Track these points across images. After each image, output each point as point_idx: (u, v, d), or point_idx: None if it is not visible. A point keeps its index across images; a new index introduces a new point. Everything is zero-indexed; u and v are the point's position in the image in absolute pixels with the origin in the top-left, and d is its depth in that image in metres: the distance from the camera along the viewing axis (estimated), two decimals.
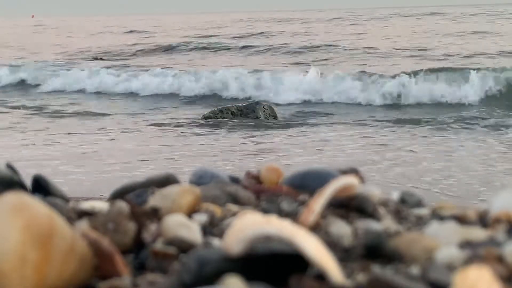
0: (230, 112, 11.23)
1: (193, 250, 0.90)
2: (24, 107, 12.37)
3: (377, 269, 0.84)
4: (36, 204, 0.82)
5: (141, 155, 7.63)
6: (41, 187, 1.22)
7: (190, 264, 0.81)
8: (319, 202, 1.02)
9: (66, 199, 1.20)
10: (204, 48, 21.50)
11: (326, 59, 17.79)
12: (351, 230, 1.00)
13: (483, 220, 1.06)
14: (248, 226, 0.83)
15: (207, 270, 0.81)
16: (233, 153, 8.06)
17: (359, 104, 12.05)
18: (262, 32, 26.09)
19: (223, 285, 0.77)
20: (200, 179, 1.33)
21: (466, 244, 0.93)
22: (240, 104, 11.72)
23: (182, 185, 1.19)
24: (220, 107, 11.60)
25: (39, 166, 6.54)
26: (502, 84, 12.13)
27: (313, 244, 0.81)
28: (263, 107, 11.49)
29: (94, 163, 7.13)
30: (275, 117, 11.33)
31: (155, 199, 1.11)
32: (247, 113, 11.20)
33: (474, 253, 0.88)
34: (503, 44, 18.38)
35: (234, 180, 1.33)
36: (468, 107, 11.31)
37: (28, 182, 1.23)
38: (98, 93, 14.56)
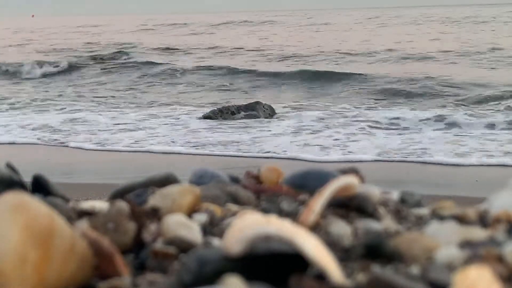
0: (230, 112, 11.25)
1: (193, 250, 0.90)
2: None
3: (377, 269, 0.84)
4: (36, 204, 0.82)
5: None
6: (41, 187, 1.22)
7: (190, 264, 0.81)
8: (319, 202, 1.02)
9: (66, 199, 1.20)
10: None
11: None
12: (351, 230, 1.00)
13: (483, 220, 1.06)
14: (248, 226, 0.83)
15: (207, 270, 0.81)
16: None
17: None
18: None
19: (223, 285, 0.77)
20: (200, 179, 1.33)
21: (466, 244, 0.93)
22: (240, 104, 11.76)
23: (182, 184, 1.19)
24: (220, 107, 11.62)
25: None
26: None
27: (313, 244, 0.81)
28: (263, 106, 11.51)
29: None
30: (274, 116, 11.35)
31: (155, 199, 1.11)
32: (247, 112, 11.21)
33: (474, 253, 0.88)
34: None
35: (234, 179, 1.33)
36: None
37: (28, 181, 1.23)
38: None
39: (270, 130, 10.03)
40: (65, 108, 13.14)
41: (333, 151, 8.46)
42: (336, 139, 9.20)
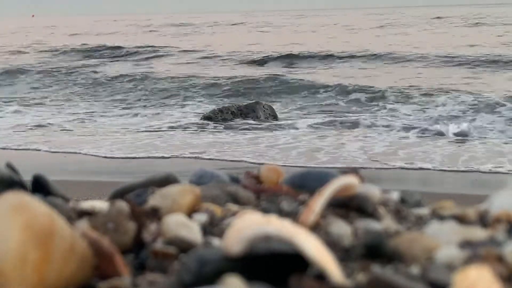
0: (230, 112, 11.25)
1: (193, 250, 0.90)
2: None
3: (377, 269, 0.84)
4: (36, 204, 0.82)
5: None
6: (41, 187, 1.22)
7: (190, 264, 0.81)
8: (319, 202, 1.02)
9: (66, 199, 1.20)
10: None
11: None
12: (351, 230, 1.00)
13: (483, 220, 1.06)
14: (248, 226, 0.83)
15: (207, 270, 0.81)
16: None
17: None
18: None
19: (223, 285, 0.77)
20: (200, 179, 1.33)
21: (466, 244, 0.93)
22: (240, 104, 11.76)
23: (182, 184, 1.19)
24: (220, 107, 11.62)
25: None
26: None
27: (313, 244, 0.81)
28: (263, 106, 11.51)
29: None
30: (275, 117, 11.36)
31: (155, 199, 1.11)
32: (247, 113, 11.21)
33: (474, 253, 0.88)
34: None
35: (234, 180, 1.33)
36: None
37: (28, 181, 1.23)
38: None
39: (266, 134, 10.05)
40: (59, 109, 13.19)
41: (329, 155, 8.47)
42: (335, 143, 9.22)
